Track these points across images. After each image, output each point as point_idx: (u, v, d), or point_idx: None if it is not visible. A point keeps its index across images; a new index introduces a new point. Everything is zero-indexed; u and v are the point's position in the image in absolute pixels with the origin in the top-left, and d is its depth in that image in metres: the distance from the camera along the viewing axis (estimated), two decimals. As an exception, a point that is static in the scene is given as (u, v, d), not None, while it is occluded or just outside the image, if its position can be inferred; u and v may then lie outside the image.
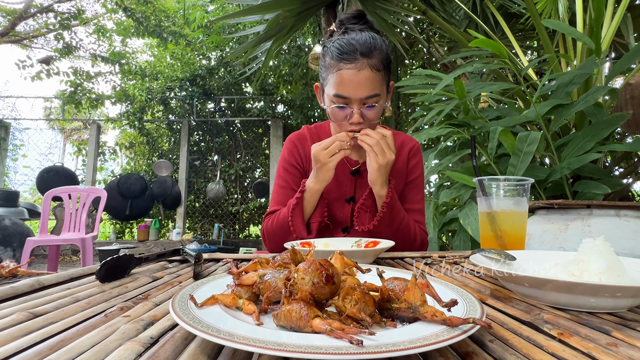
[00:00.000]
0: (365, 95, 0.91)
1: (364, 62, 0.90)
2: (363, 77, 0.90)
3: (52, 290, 0.47)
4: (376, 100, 0.93)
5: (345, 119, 0.95)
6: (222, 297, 0.35)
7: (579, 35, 1.29)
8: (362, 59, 0.90)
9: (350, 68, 0.90)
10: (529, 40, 3.35)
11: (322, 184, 0.95)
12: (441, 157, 1.58)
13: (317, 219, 0.99)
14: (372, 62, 0.90)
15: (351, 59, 0.90)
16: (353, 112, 0.93)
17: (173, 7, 6.74)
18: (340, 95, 0.92)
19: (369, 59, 0.90)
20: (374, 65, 0.91)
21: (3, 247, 3.86)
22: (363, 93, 0.91)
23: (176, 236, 5.58)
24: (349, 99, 0.92)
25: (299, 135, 1.13)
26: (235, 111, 6.51)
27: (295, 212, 0.96)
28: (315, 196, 0.97)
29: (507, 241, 0.71)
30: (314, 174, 0.94)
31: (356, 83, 0.90)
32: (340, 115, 0.95)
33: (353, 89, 0.91)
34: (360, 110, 0.93)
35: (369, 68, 0.90)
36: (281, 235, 0.98)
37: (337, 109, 0.94)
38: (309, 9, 3.07)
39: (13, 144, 7.03)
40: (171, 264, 0.69)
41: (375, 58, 0.91)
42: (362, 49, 0.90)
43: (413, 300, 0.31)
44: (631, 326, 0.35)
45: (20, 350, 0.28)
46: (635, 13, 2.01)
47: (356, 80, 0.90)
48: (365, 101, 0.93)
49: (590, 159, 1.15)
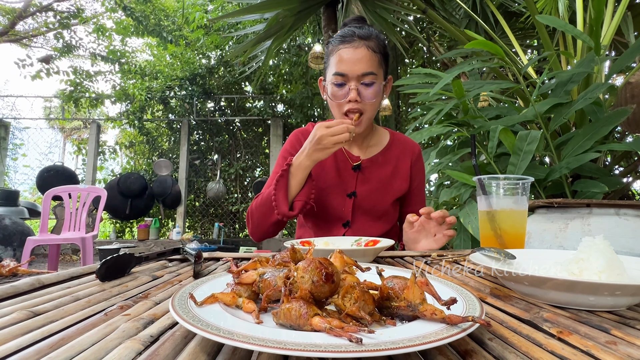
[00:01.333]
0: (361, 72, 0.97)
1: (362, 42, 0.98)
2: (360, 54, 0.97)
3: (52, 289, 0.47)
4: (372, 79, 0.99)
5: (343, 98, 1.00)
6: (222, 296, 0.35)
7: (577, 32, 1.28)
8: (359, 40, 0.98)
9: (348, 47, 0.98)
10: (529, 39, 3.35)
11: (313, 163, 0.94)
12: (441, 156, 1.58)
13: (302, 197, 0.97)
14: (369, 44, 0.98)
15: (350, 40, 0.99)
16: (350, 88, 0.98)
17: (172, 6, 6.73)
18: (339, 72, 0.98)
19: (366, 41, 0.98)
20: (371, 47, 0.98)
21: (3, 246, 3.86)
22: (360, 69, 0.97)
23: (176, 235, 5.58)
24: (346, 76, 0.98)
25: (304, 130, 1.16)
26: (235, 110, 6.50)
27: (279, 185, 0.95)
28: (304, 173, 0.95)
29: (507, 240, 0.71)
30: (308, 152, 0.92)
31: (354, 60, 0.97)
32: (339, 94, 1.00)
33: (351, 65, 0.97)
34: (357, 88, 0.98)
35: (365, 47, 0.98)
36: (264, 212, 0.99)
37: (336, 87, 1.00)
38: (308, 7, 3.06)
39: (13, 143, 7.03)
40: (171, 263, 0.69)
41: (373, 41, 0.99)
42: (360, 33, 0.99)
43: (412, 298, 0.31)
44: (630, 324, 0.35)
45: (20, 348, 0.28)
46: (635, 12, 2.01)
47: (354, 58, 0.97)
48: (362, 78, 0.98)
49: (590, 158, 1.15)
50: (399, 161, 1.12)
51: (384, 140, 1.15)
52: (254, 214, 1.02)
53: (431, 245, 0.90)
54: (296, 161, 0.95)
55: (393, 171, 1.11)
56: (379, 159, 1.11)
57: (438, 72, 1.65)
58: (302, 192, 0.98)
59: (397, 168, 1.11)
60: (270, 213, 0.97)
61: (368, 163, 1.10)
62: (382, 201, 1.08)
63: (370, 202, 1.08)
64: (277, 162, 1.12)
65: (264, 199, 0.98)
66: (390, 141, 1.15)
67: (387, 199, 1.09)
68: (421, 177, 1.16)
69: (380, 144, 1.14)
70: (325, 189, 1.07)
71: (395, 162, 1.12)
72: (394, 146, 1.14)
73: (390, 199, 1.09)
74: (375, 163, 1.11)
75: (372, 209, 1.08)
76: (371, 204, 1.08)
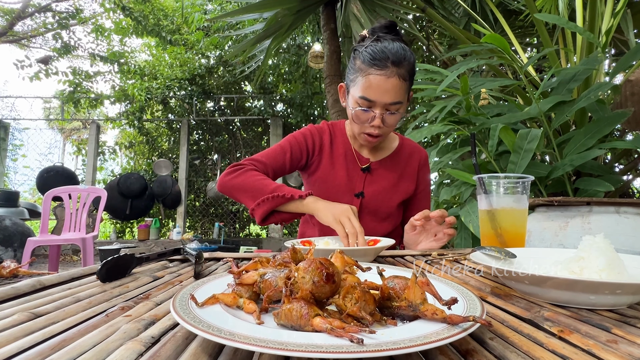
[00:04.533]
0: (390, 102, 0.96)
1: (394, 70, 0.94)
2: (391, 84, 0.94)
3: (53, 291, 0.47)
4: (398, 108, 0.98)
5: (366, 122, 1.00)
6: (223, 297, 0.35)
7: (580, 29, 1.28)
8: (392, 67, 0.94)
9: (379, 74, 0.94)
10: (529, 37, 3.34)
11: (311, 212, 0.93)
12: (441, 155, 1.58)
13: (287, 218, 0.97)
14: (400, 72, 0.95)
15: (382, 66, 0.94)
16: (375, 116, 0.98)
17: (171, 5, 6.72)
18: (367, 98, 0.96)
19: (398, 68, 0.94)
20: (402, 75, 0.95)
21: (4, 247, 3.86)
22: (388, 99, 0.95)
23: (177, 235, 5.58)
24: (374, 103, 0.97)
25: (319, 127, 1.17)
26: (235, 110, 6.50)
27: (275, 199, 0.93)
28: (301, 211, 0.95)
29: (507, 239, 0.71)
30: (326, 206, 0.90)
31: (384, 89, 0.94)
32: (363, 117, 1.00)
33: (380, 94, 0.95)
34: (382, 116, 0.98)
35: (397, 77, 0.94)
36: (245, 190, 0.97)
37: (361, 111, 0.99)
38: (307, 7, 3.06)
39: (12, 144, 7.03)
40: (172, 264, 0.69)
41: (404, 68, 0.95)
42: (393, 58, 0.94)
43: (413, 298, 0.31)
44: (631, 323, 0.35)
45: (21, 350, 0.28)
46: (635, 9, 2.00)
47: (384, 87, 0.94)
48: (389, 107, 0.97)
49: (593, 155, 1.15)
50: (406, 165, 1.14)
51: (393, 144, 1.17)
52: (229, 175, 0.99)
53: (432, 245, 0.91)
54: (311, 204, 0.92)
55: (400, 174, 1.13)
56: (388, 162, 1.14)
57: (438, 69, 1.65)
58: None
59: (404, 171, 1.14)
60: (249, 199, 0.95)
61: (377, 165, 1.12)
62: (388, 202, 1.10)
63: (376, 202, 1.10)
64: (280, 143, 1.11)
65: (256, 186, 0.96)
66: (399, 146, 1.17)
67: (393, 200, 1.11)
68: (427, 182, 1.19)
69: (389, 148, 1.16)
70: (334, 188, 1.09)
71: (404, 166, 1.14)
72: (403, 151, 1.16)
73: (396, 200, 1.11)
74: (383, 166, 1.13)
75: (378, 209, 1.10)
76: (377, 204, 1.10)
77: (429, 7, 2.30)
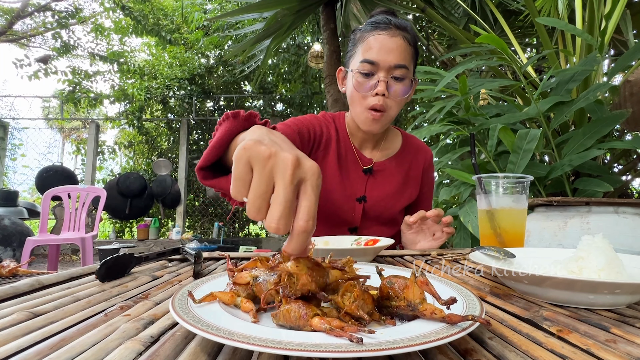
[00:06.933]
0: (394, 63, 0.87)
1: (398, 31, 0.88)
2: (395, 43, 0.87)
3: (52, 290, 0.47)
4: (404, 73, 0.89)
5: (369, 90, 0.89)
6: (221, 294, 0.35)
7: (579, 31, 1.29)
8: (396, 29, 0.88)
9: (383, 34, 0.87)
10: (528, 38, 3.34)
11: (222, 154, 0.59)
12: (441, 155, 1.58)
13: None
14: (405, 34, 0.89)
15: (384, 27, 0.88)
16: (380, 80, 0.87)
17: (171, 5, 6.71)
18: (369, 60, 0.87)
19: (402, 31, 0.89)
20: (407, 38, 0.89)
21: (3, 246, 3.85)
22: (393, 60, 0.87)
23: (176, 235, 5.58)
24: (377, 65, 0.88)
25: (327, 117, 1.06)
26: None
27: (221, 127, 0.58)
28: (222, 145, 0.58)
29: (507, 239, 0.71)
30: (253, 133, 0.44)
31: (388, 48, 0.87)
32: (365, 84, 0.89)
33: (384, 54, 0.87)
34: (387, 81, 0.88)
35: (401, 37, 0.88)
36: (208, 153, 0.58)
37: (363, 77, 0.89)
38: (307, 6, 3.06)
39: (12, 143, 7.01)
40: (171, 263, 0.69)
41: (409, 34, 0.90)
42: (396, 22, 0.90)
43: (412, 298, 0.31)
44: (630, 323, 0.35)
45: (20, 349, 0.28)
46: (634, 10, 2.01)
47: (388, 46, 0.87)
48: (394, 71, 0.88)
49: (592, 155, 1.15)
50: (411, 167, 1.06)
51: (396, 142, 1.08)
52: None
53: (430, 244, 0.89)
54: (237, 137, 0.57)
55: (405, 178, 1.05)
56: (392, 163, 1.05)
57: (438, 70, 1.65)
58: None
59: (408, 175, 1.06)
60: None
61: (380, 167, 1.03)
62: (392, 208, 1.03)
63: (380, 208, 1.02)
64: (286, 122, 0.96)
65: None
66: (403, 144, 1.08)
67: (397, 206, 1.04)
68: (430, 184, 1.12)
69: (393, 147, 1.07)
70: (332, 191, 0.99)
71: (408, 168, 1.06)
72: (407, 150, 1.08)
73: (400, 206, 1.04)
74: (387, 167, 1.04)
75: (380, 215, 1.03)
76: (381, 210, 1.02)
77: (429, 7, 2.30)
